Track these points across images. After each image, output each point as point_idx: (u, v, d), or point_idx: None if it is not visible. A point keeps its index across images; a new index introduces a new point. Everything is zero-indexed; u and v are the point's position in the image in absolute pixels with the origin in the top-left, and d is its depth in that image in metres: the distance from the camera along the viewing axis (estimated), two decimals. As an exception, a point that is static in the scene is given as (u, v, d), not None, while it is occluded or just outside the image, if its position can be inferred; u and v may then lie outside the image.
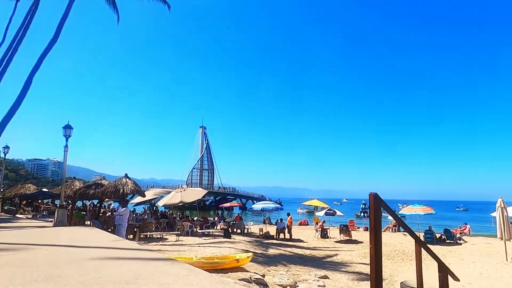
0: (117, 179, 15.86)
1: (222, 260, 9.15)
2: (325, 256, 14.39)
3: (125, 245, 6.83)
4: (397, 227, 22.79)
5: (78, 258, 5.15)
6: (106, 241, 7.35)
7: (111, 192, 14.96)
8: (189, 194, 17.26)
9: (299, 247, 16.33)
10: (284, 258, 13.06)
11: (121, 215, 11.35)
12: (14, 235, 8.22)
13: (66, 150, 12.35)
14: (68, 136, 12.49)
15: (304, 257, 13.64)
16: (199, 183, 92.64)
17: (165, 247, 13.06)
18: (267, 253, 13.76)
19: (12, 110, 14.64)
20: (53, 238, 7.80)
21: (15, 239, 7.44)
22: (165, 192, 23.30)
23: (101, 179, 18.31)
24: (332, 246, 17.11)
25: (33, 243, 6.81)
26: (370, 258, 3.78)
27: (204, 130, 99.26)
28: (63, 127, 12.45)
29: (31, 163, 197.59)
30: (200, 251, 12.13)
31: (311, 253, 14.61)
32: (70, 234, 8.55)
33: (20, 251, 5.91)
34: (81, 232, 8.97)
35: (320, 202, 27.58)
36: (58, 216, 11.69)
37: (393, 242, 18.39)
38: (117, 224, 11.30)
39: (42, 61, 16.01)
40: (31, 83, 15.59)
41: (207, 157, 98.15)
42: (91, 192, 17.00)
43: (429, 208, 18.15)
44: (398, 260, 13.69)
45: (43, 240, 7.43)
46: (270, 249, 14.85)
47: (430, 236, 17.35)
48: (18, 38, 17.78)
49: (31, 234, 8.53)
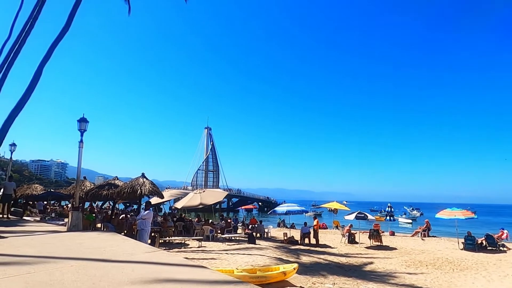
0: (133, 179, 14.56)
1: (268, 274, 7.82)
2: (362, 264, 13.00)
3: (165, 258, 5.50)
4: (427, 232, 21.37)
5: (117, 281, 3.85)
6: (139, 251, 6.04)
7: (128, 193, 13.66)
8: (209, 196, 15.96)
9: (330, 253, 14.96)
10: (322, 267, 11.69)
11: (144, 219, 10.04)
12: (26, 243, 6.91)
13: (81, 146, 11.03)
14: (83, 131, 11.18)
15: (343, 266, 12.27)
16: (204, 184, 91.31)
17: (190, 254, 11.75)
18: (301, 261, 12.39)
19: (21, 102, 13.47)
20: (73, 247, 6.49)
21: (29, 249, 6.14)
22: (182, 194, 22.01)
23: (114, 179, 17.05)
24: (364, 252, 15.72)
25: (53, 255, 5.51)
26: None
27: (209, 131, 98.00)
28: (78, 121, 11.15)
29: (34, 164, 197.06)
30: (231, 260, 10.81)
31: (347, 261, 13.22)
32: (91, 242, 7.23)
33: (38, 266, 4.61)
34: (103, 239, 7.64)
35: (339, 204, 26.21)
36: (72, 219, 10.37)
37: (429, 248, 16.98)
38: (140, 229, 9.99)
39: (53, 51, 14.81)
40: (41, 74, 14.41)
41: (212, 158, 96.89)
42: (104, 193, 15.76)
43: (470, 212, 16.71)
44: (447, 270, 12.26)
45: (62, 250, 6.13)
46: (302, 256, 13.50)
47: (472, 242, 15.93)
48: (25, 31, 16.59)
49: (46, 241, 7.22)
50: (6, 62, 16.70)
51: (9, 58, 16.70)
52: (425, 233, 21.21)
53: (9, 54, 16.73)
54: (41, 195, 18.65)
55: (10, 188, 13.99)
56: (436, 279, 10.79)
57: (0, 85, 16.22)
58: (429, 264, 13.03)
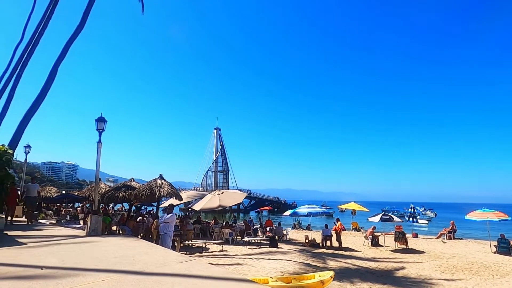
0: (151, 180, 14.06)
1: (305, 283, 7.19)
2: (393, 269, 12.26)
3: (203, 270, 4.93)
4: (452, 234, 20.46)
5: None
6: (171, 261, 5.48)
7: (146, 195, 13.17)
8: (228, 198, 15.41)
9: (356, 257, 14.25)
10: (353, 273, 11.02)
11: (166, 222, 9.52)
12: (48, 251, 6.41)
13: (99, 146, 10.55)
14: (102, 130, 10.69)
15: (374, 272, 11.56)
16: (214, 185, 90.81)
17: (213, 259, 11.20)
18: (329, 266, 11.75)
19: (37, 102, 13.18)
20: (99, 256, 5.97)
21: (52, 258, 5.63)
22: (199, 195, 21.50)
23: (131, 181, 16.60)
24: (392, 256, 14.94)
25: (79, 266, 4.98)
26: None
27: (218, 131, 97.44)
28: (96, 120, 10.67)
29: (46, 166, 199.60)
30: (258, 266, 10.22)
31: (377, 266, 12.50)
32: (116, 249, 6.70)
33: (66, 280, 4.09)
34: (129, 247, 7.11)
35: (358, 205, 25.43)
36: (92, 223, 9.90)
37: (459, 251, 16.14)
38: (162, 234, 9.48)
39: (68, 49, 14.49)
40: (56, 73, 14.09)
41: (222, 159, 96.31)
42: (121, 195, 15.30)
43: (503, 213, 15.80)
44: (486, 276, 11.45)
45: (88, 259, 5.60)
46: (328, 261, 12.84)
47: (506, 245, 15.05)
48: (38, 33, 16.31)
49: (69, 249, 6.71)
50: (20, 64, 16.48)
51: (22, 59, 16.47)
52: (450, 235, 20.31)
53: (22, 56, 16.51)
54: (57, 198, 18.34)
55: (34, 190, 13.03)
56: (477, 286, 10.04)
57: (14, 88, 16.00)
58: (465, 269, 12.23)
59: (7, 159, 11.16)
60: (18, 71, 16.29)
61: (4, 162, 10.94)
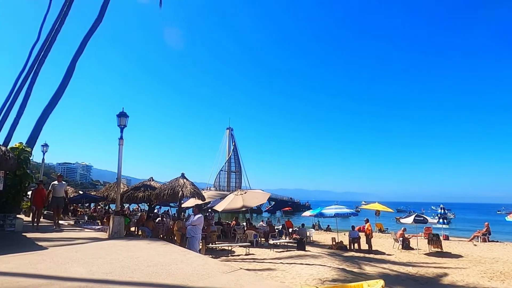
0: (173, 180, 13.41)
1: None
2: (436, 276, 11.26)
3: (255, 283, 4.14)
4: (487, 236, 19.25)
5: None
6: (215, 271, 4.72)
7: (168, 194, 12.51)
8: (252, 198, 14.65)
9: (391, 262, 13.30)
10: (394, 280, 10.08)
11: (194, 225, 8.79)
12: (72, 258, 5.73)
13: (121, 143, 9.92)
14: (123, 126, 10.04)
15: (417, 279, 10.59)
16: (227, 185, 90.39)
17: (241, 263, 10.41)
18: (365, 271, 10.84)
19: (56, 98, 12.69)
20: (130, 264, 5.24)
21: (79, 267, 4.93)
22: (219, 195, 20.84)
23: (150, 180, 16.03)
24: (430, 261, 13.90)
25: (112, 279, 4.26)
26: None
27: (231, 131, 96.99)
28: (117, 115, 10.03)
29: (61, 166, 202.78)
30: (292, 272, 9.38)
31: (417, 272, 11.51)
32: (147, 256, 5.97)
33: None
34: (160, 253, 6.38)
35: (382, 206, 24.35)
36: (114, 225, 9.26)
37: (500, 255, 14.99)
38: (190, 237, 8.76)
39: (86, 43, 13.98)
40: (74, 69, 13.60)
41: (234, 159, 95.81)
42: (140, 195, 14.76)
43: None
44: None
45: (119, 268, 4.88)
46: (363, 265, 11.91)
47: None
48: (54, 31, 15.88)
49: (94, 255, 6.01)
50: (37, 62, 16.09)
51: (39, 57, 16.08)
52: (485, 238, 19.10)
53: (39, 53, 16.13)
54: (75, 198, 17.92)
55: (61, 189, 11.43)
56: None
57: (31, 86, 15.62)
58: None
59: (25, 158, 10.64)
60: (35, 68, 15.93)
61: (22, 161, 10.42)
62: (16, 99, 15.85)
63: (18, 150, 10.32)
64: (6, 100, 16.44)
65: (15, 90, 16.28)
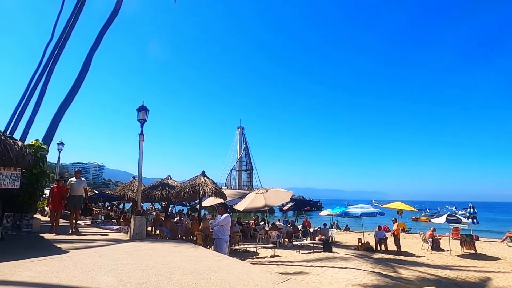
0: (193, 178, 12.84)
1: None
2: (480, 281, 10.39)
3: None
4: (522, 237, 18.17)
5: None
6: (263, 282, 4.05)
7: (189, 193, 11.94)
8: (274, 197, 13.98)
9: (425, 264, 12.45)
10: (436, 285, 9.31)
11: (221, 225, 8.17)
12: (96, 263, 5.14)
13: (141, 139, 9.35)
14: (144, 121, 9.47)
15: (460, 284, 9.74)
16: (238, 185, 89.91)
17: (269, 266, 9.76)
18: (403, 276, 10.04)
19: (72, 93, 12.25)
20: (163, 271, 4.62)
21: (106, 275, 4.33)
22: (239, 194, 20.26)
23: (168, 178, 15.51)
24: (467, 264, 12.98)
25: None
26: None
27: (242, 130, 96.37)
28: (137, 110, 9.46)
29: (74, 166, 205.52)
30: (327, 277, 8.69)
31: (457, 276, 10.65)
32: (181, 262, 5.33)
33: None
34: (193, 257, 5.74)
35: (405, 205, 23.34)
36: (136, 226, 8.71)
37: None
38: (217, 238, 8.15)
39: (103, 37, 13.54)
40: (91, 63, 13.17)
41: (245, 158, 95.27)
42: (158, 194, 14.25)
43: None
44: None
45: (153, 277, 4.25)
46: (398, 268, 11.09)
47: None
48: (68, 28, 15.49)
49: (119, 260, 5.42)
50: (51, 58, 15.76)
51: (54, 54, 15.74)
52: (520, 239, 18.03)
53: (54, 50, 15.80)
54: (91, 197, 17.54)
55: (80, 187, 9.94)
56: None
57: (46, 83, 15.28)
58: None
59: (41, 155, 10.18)
60: (50, 65, 15.62)
61: (39, 158, 9.95)
62: (31, 97, 15.56)
63: (34, 148, 9.86)
64: (22, 98, 16.16)
65: (30, 88, 16.01)
